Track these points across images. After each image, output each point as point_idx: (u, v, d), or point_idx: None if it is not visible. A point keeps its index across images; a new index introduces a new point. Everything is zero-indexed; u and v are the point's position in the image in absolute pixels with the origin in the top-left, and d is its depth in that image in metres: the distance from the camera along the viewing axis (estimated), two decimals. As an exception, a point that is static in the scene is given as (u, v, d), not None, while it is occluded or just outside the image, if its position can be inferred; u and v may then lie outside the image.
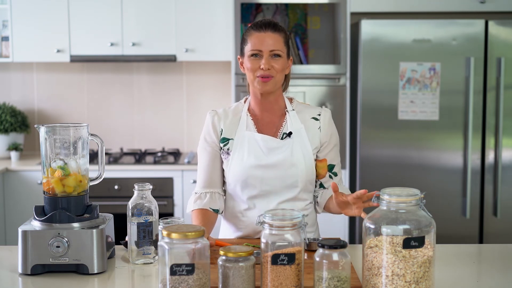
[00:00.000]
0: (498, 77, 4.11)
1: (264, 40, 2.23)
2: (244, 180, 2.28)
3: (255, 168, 2.27)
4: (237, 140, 2.31)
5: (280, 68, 2.25)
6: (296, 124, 2.32)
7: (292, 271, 1.64)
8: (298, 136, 2.30)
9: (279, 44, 2.25)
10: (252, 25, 2.29)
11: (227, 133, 2.33)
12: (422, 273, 1.62)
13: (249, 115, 2.35)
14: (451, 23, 4.14)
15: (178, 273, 1.59)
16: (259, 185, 2.28)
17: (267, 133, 2.32)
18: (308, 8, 4.69)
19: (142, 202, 2.04)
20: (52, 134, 2.00)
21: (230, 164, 2.30)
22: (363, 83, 4.18)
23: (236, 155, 2.29)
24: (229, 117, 2.36)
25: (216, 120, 2.35)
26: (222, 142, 2.33)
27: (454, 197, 4.19)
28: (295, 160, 2.27)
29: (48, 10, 4.53)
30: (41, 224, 1.96)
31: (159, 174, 4.38)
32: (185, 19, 4.53)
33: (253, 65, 2.25)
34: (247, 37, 2.27)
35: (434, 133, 4.16)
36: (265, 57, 2.23)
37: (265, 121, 2.34)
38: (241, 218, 2.33)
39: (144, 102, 4.95)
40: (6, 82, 4.92)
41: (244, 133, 2.31)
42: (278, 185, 2.28)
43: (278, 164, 2.27)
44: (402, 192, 1.68)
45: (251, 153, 2.28)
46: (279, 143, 2.29)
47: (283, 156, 2.27)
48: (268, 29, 2.25)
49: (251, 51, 2.25)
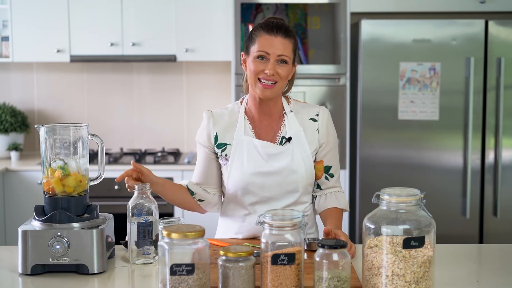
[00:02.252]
0: (498, 77, 4.11)
1: (273, 44, 2.15)
2: (244, 187, 2.24)
3: (255, 175, 2.22)
4: (235, 145, 2.25)
5: (285, 75, 2.18)
6: (295, 127, 2.26)
7: (292, 271, 1.63)
8: (297, 140, 2.25)
9: (287, 50, 2.16)
10: (263, 25, 2.19)
11: (223, 138, 2.28)
12: (422, 273, 1.62)
13: (246, 118, 2.29)
14: (451, 23, 4.14)
15: (178, 273, 1.59)
16: (260, 192, 2.24)
17: (265, 137, 2.27)
18: (308, 8, 4.69)
19: (142, 202, 2.04)
20: (52, 134, 2.00)
21: (230, 170, 2.25)
22: (363, 83, 4.18)
23: (235, 162, 2.24)
24: (225, 119, 2.29)
25: (211, 124, 2.29)
26: (218, 147, 2.28)
27: (454, 197, 4.19)
28: (296, 166, 2.23)
29: (48, 10, 4.54)
30: (41, 224, 1.96)
31: (159, 174, 4.31)
32: (185, 19, 4.53)
33: (257, 67, 2.16)
34: (256, 37, 2.18)
35: (434, 133, 4.16)
36: (272, 61, 2.15)
37: (263, 124, 2.28)
38: (242, 222, 2.31)
39: (144, 102, 4.95)
40: (6, 82, 4.92)
41: (242, 137, 2.25)
42: (278, 191, 2.25)
43: (279, 171, 2.23)
44: (402, 192, 1.68)
45: (251, 160, 2.23)
46: (278, 149, 2.24)
47: (283, 164, 2.22)
48: (279, 33, 2.16)
49: (258, 52, 2.16)
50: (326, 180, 2.33)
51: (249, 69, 2.20)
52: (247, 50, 2.22)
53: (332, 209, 2.30)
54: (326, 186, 2.34)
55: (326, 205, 2.31)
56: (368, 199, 2.52)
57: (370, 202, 1.73)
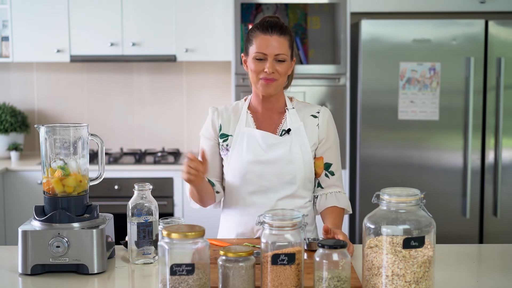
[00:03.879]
0: (498, 77, 4.11)
1: (270, 43, 2.24)
2: (242, 176, 2.29)
3: (253, 163, 2.28)
4: (236, 136, 2.33)
5: (284, 72, 2.27)
6: (296, 122, 2.34)
7: (292, 271, 1.64)
8: (297, 133, 2.32)
9: (284, 48, 2.26)
10: (258, 25, 2.28)
11: (226, 129, 2.36)
12: (422, 273, 1.62)
13: (249, 112, 2.37)
14: (451, 23, 4.14)
15: (178, 273, 1.59)
16: (258, 181, 2.29)
17: (266, 129, 2.34)
18: (308, 8, 4.69)
19: (142, 202, 2.04)
20: (52, 134, 2.00)
21: (229, 159, 2.32)
22: (363, 83, 4.18)
23: (235, 151, 2.31)
24: (229, 113, 2.38)
25: (215, 117, 2.38)
26: (221, 137, 2.36)
27: (454, 197, 4.19)
28: (293, 157, 2.29)
29: (48, 10, 4.54)
30: (41, 224, 1.96)
31: (159, 174, 4.38)
32: (185, 19, 4.53)
33: (257, 68, 2.26)
34: (253, 38, 2.28)
35: (434, 133, 4.16)
36: (270, 61, 2.24)
37: (265, 118, 2.36)
38: (240, 216, 2.33)
39: (144, 102, 4.95)
40: (6, 82, 4.92)
41: (243, 129, 2.33)
42: (276, 181, 2.29)
43: (276, 160, 2.29)
44: (402, 192, 1.68)
45: (250, 149, 2.30)
46: (277, 140, 2.31)
47: (281, 153, 2.29)
48: (274, 31, 2.25)
49: (255, 53, 2.26)
50: (326, 177, 2.35)
51: (250, 69, 2.30)
52: (246, 51, 2.33)
53: (332, 208, 2.32)
54: (327, 184, 2.35)
55: (326, 204, 2.33)
56: (368, 199, 2.52)
57: (370, 202, 1.73)
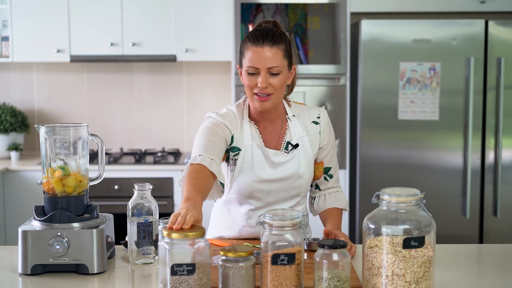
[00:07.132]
0: (498, 77, 4.11)
1: (261, 56, 2.08)
2: (249, 194, 2.24)
3: (261, 182, 2.21)
4: (244, 151, 2.20)
5: (279, 85, 2.11)
6: (299, 133, 2.25)
7: (292, 271, 1.64)
8: (302, 145, 2.25)
9: (277, 59, 2.09)
10: (250, 35, 2.12)
11: (236, 142, 2.21)
12: (422, 273, 1.62)
13: (253, 123, 2.25)
14: (451, 23, 4.14)
15: (179, 273, 1.59)
16: (265, 197, 2.24)
17: (270, 142, 2.24)
18: (308, 8, 4.69)
19: (142, 202, 2.04)
20: (52, 134, 2.00)
21: (236, 176, 2.22)
22: (363, 83, 4.18)
23: (243, 169, 2.20)
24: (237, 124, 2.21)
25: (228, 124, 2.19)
26: (232, 151, 2.22)
27: (454, 197, 4.19)
28: (301, 172, 2.23)
29: (48, 10, 4.54)
30: (41, 224, 1.96)
31: (159, 174, 4.38)
32: (185, 19, 4.53)
33: (250, 82, 2.12)
34: (244, 50, 2.12)
35: (434, 133, 4.16)
36: (263, 75, 2.09)
37: (268, 129, 2.25)
38: (241, 223, 2.30)
39: (144, 102, 4.95)
40: (6, 82, 4.92)
41: (250, 142, 2.20)
42: (283, 196, 2.26)
43: (286, 178, 2.23)
44: (402, 192, 1.68)
45: (258, 169, 2.20)
46: (287, 157, 2.22)
47: (291, 171, 2.22)
48: (265, 42, 2.08)
49: (247, 67, 2.11)
50: (325, 180, 2.34)
51: (244, 83, 2.16)
52: (240, 62, 2.18)
53: (332, 210, 2.31)
54: (326, 186, 2.35)
55: (325, 205, 2.32)
56: (368, 199, 2.52)
57: (370, 202, 1.73)
